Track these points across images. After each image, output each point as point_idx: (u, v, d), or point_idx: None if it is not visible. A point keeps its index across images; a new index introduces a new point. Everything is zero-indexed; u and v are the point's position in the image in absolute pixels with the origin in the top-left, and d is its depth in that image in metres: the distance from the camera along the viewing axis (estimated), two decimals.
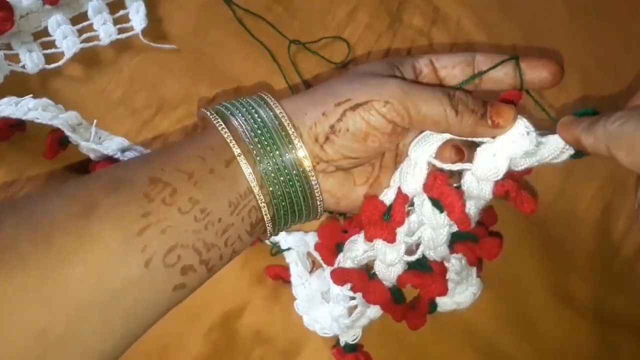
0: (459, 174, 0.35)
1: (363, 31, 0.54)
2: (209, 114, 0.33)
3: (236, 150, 0.31)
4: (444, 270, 0.37)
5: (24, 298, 0.25)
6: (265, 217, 0.32)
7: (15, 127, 0.44)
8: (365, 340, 0.42)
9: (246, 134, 0.32)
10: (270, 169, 0.32)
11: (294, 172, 0.32)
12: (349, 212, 0.37)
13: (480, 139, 0.34)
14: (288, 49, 0.51)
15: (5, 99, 0.43)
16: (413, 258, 0.37)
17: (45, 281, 0.26)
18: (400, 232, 0.35)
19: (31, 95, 0.44)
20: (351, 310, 0.40)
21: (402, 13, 0.55)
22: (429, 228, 0.35)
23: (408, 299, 0.40)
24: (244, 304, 0.44)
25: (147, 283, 0.28)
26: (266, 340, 0.44)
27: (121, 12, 0.50)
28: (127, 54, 0.50)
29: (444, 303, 0.40)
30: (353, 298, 0.39)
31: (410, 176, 0.34)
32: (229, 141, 0.31)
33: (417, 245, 0.37)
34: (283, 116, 0.33)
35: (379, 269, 0.37)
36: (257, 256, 0.45)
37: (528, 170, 0.35)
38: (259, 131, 0.32)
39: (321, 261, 0.42)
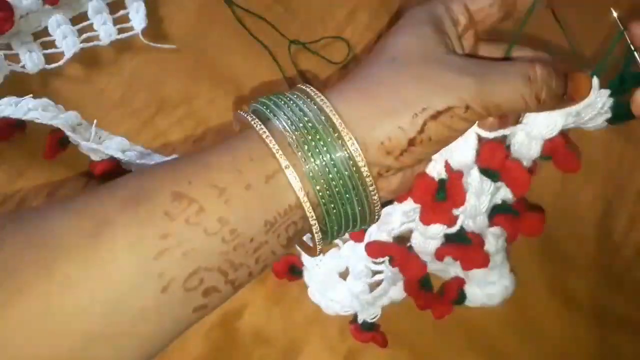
0: (505, 135, 0.33)
1: (363, 31, 0.53)
2: (249, 118, 0.29)
3: (283, 162, 0.27)
4: (482, 242, 0.36)
5: (23, 329, 0.23)
6: (314, 230, 0.29)
7: (15, 127, 0.44)
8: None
9: (294, 142, 0.28)
10: (318, 178, 0.28)
11: (347, 172, 0.28)
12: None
13: None
14: (288, 49, 0.51)
15: (5, 99, 0.43)
16: (453, 230, 0.35)
17: (47, 311, 0.24)
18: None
19: (31, 95, 0.44)
20: (372, 286, 0.39)
21: (402, 13, 0.55)
22: (472, 195, 0.34)
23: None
24: (244, 304, 0.44)
25: (163, 311, 0.25)
26: (266, 341, 0.43)
27: (121, 12, 0.50)
28: (127, 54, 0.50)
29: (474, 294, 0.39)
30: (377, 272, 0.38)
31: (460, 149, 0.32)
32: (274, 151, 0.27)
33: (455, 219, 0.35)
34: (334, 115, 0.28)
35: (417, 241, 0.35)
36: None
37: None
38: (309, 137, 0.28)
39: (337, 241, 0.40)
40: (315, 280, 0.43)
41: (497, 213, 0.35)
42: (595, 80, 0.31)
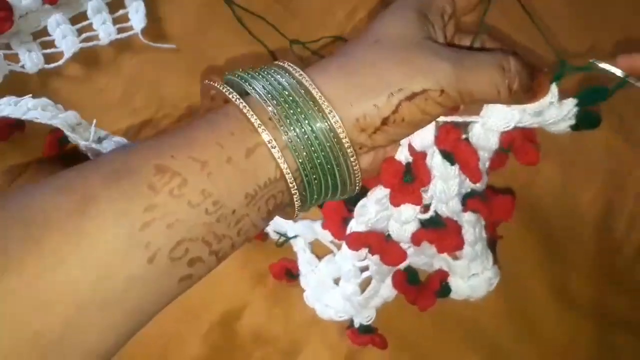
0: (465, 125, 0.34)
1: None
2: (226, 91, 0.29)
3: (266, 137, 0.28)
4: (458, 228, 0.37)
5: (15, 301, 0.24)
6: (295, 199, 0.29)
7: (14, 127, 0.44)
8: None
9: (273, 113, 0.28)
10: (300, 141, 0.29)
11: (328, 143, 0.29)
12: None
13: None
14: (290, 48, 0.51)
15: (4, 99, 0.43)
16: (427, 215, 0.36)
17: (38, 283, 0.24)
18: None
19: (30, 95, 0.44)
20: (363, 286, 0.39)
21: None
22: (439, 180, 0.35)
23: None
24: (244, 304, 0.44)
25: (151, 279, 0.26)
26: (266, 341, 0.43)
27: (121, 12, 0.50)
28: (126, 53, 0.50)
29: (458, 287, 0.39)
30: (365, 269, 0.38)
31: (420, 132, 0.33)
32: (256, 126, 0.28)
33: (429, 206, 0.36)
34: (312, 87, 0.29)
35: (393, 228, 0.36)
36: (258, 256, 0.45)
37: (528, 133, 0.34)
38: (290, 109, 0.29)
39: (331, 246, 0.42)
40: (310, 285, 0.43)
41: (471, 197, 0.36)
42: (553, 87, 0.32)
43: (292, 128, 0.29)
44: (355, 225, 0.37)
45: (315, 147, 0.29)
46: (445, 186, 0.35)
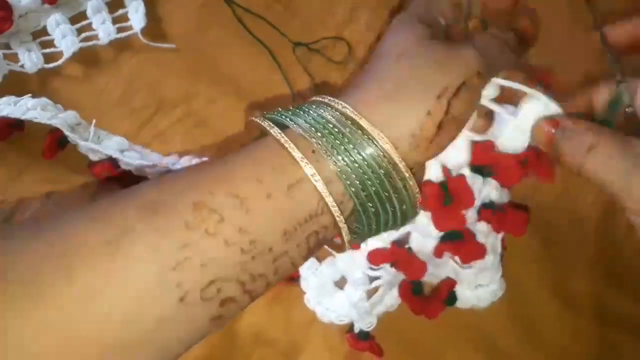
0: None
1: (363, 31, 0.53)
2: (266, 125, 0.29)
3: (309, 171, 0.27)
4: (473, 235, 0.37)
5: (41, 337, 0.23)
6: (343, 231, 0.28)
7: (13, 127, 0.44)
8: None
9: (318, 144, 0.27)
10: (348, 168, 0.27)
11: (381, 170, 0.28)
12: None
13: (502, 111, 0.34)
14: (294, 52, 0.51)
15: (3, 99, 0.43)
16: None
17: (66, 320, 0.23)
18: None
19: (30, 94, 0.44)
20: (370, 293, 0.40)
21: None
22: None
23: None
24: None
25: (181, 320, 0.25)
26: (266, 342, 0.43)
27: (120, 11, 0.50)
28: (126, 53, 0.50)
29: (465, 296, 0.40)
30: (375, 279, 0.39)
31: (454, 152, 0.34)
32: (298, 159, 0.27)
33: None
34: (355, 115, 0.28)
35: (415, 242, 0.37)
36: None
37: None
38: (336, 140, 0.28)
39: (330, 250, 0.42)
40: (311, 288, 0.43)
41: (486, 208, 0.37)
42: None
43: (339, 158, 0.27)
44: (371, 240, 0.37)
45: (369, 174, 0.28)
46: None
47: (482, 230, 0.37)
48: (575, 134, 0.31)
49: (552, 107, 0.33)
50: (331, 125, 0.28)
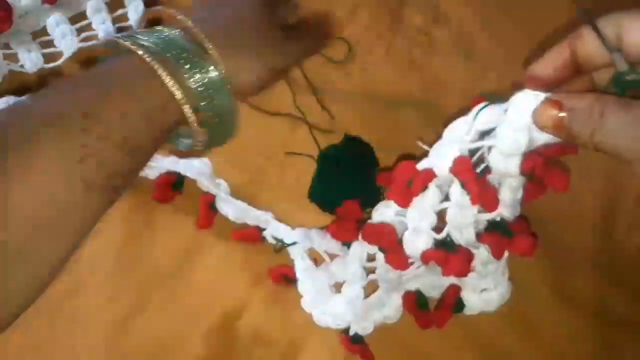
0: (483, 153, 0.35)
1: (363, 31, 0.53)
2: (131, 45, 0.35)
3: (177, 94, 0.34)
4: (469, 256, 0.38)
5: None
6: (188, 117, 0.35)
7: None
8: (367, 340, 0.42)
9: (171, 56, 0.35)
10: (196, 90, 0.35)
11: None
12: None
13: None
14: None
15: (4, 99, 0.43)
16: (439, 236, 0.37)
17: (3, 200, 0.29)
18: (427, 202, 0.36)
19: (30, 94, 0.44)
20: (367, 291, 0.40)
21: (402, 13, 0.55)
22: (455, 206, 0.36)
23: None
24: (244, 304, 0.44)
25: (88, 205, 0.31)
26: (266, 342, 0.43)
27: (120, 11, 0.50)
28: None
29: (471, 301, 0.40)
30: (371, 271, 0.39)
31: (443, 157, 0.35)
32: (170, 86, 0.34)
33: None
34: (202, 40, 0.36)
35: (407, 238, 0.37)
36: (257, 257, 0.45)
37: (564, 148, 0.33)
38: (185, 55, 0.35)
39: (325, 256, 0.42)
40: (308, 292, 0.43)
41: (490, 230, 0.37)
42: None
43: (190, 72, 0.35)
44: (374, 219, 0.38)
45: (205, 89, 0.35)
46: (460, 214, 0.35)
47: (487, 248, 0.38)
48: (582, 111, 0.30)
49: (541, 96, 0.31)
50: (179, 48, 0.35)
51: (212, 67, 0.36)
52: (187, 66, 0.35)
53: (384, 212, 0.38)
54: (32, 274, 0.30)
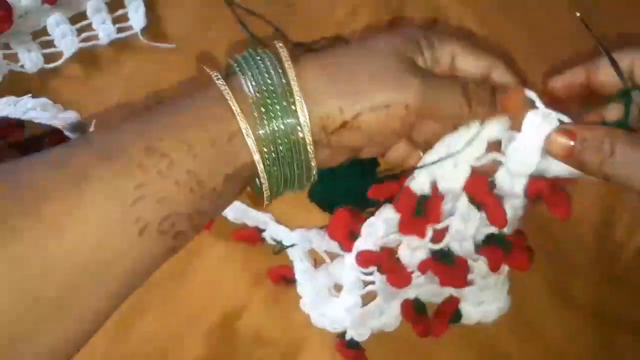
0: (493, 170, 0.35)
1: (363, 31, 0.53)
2: (211, 73, 0.32)
3: (242, 125, 0.31)
4: (465, 268, 0.37)
5: (16, 268, 0.26)
6: (264, 186, 0.32)
7: (14, 127, 0.44)
8: (366, 341, 0.42)
9: (254, 103, 0.31)
10: (269, 140, 0.31)
11: (293, 145, 0.32)
12: None
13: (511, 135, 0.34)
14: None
15: (4, 99, 0.43)
16: (437, 247, 0.37)
17: (38, 252, 0.26)
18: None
19: (30, 94, 0.44)
20: (365, 299, 0.40)
21: (402, 13, 0.55)
22: (459, 218, 0.36)
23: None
24: (244, 305, 0.44)
25: (141, 250, 0.29)
26: (266, 342, 0.43)
27: (120, 12, 0.50)
28: (126, 53, 0.50)
29: (469, 312, 0.40)
30: (369, 283, 0.39)
31: (451, 176, 0.35)
32: (235, 112, 0.31)
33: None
34: (294, 84, 0.32)
35: (403, 253, 0.37)
36: (257, 257, 0.45)
37: (571, 180, 0.34)
38: (268, 100, 0.31)
39: (324, 256, 0.42)
40: (307, 293, 0.43)
41: (488, 243, 0.37)
42: (531, 94, 0.33)
43: (265, 120, 0.31)
44: (363, 243, 0.38)
45: (282, 140, 0.32)
46: (463, 226, 0.36)
47: (486, 260, 0.37)
48: (594, 142, 0.31)
49: (552, 117, 0.33)
50: (269, 82, 0.32)
51: (291, 112, 0.32)
52: (266, 106, 0.31)
53: (373, 233, 0.37)
54: (73, 328, 0.28)
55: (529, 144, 0.33)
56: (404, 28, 0.37)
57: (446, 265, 0.37)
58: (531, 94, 0.34)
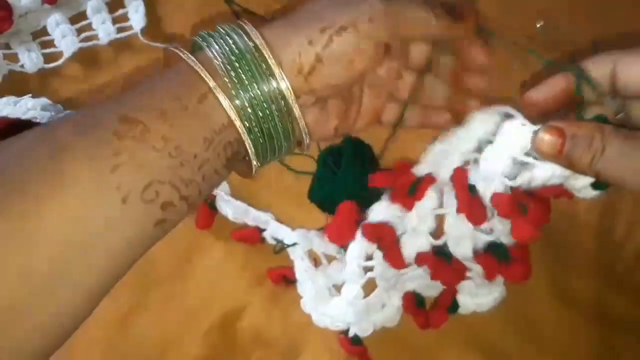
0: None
1: None
2: (176, 49, 0.32)
3: (211, 83, 0.30)
4: (461, 270, 0.38)
5: (5, 244, 0.26)
6: (249, 150, 0.32)
7: (14, 127, 0.44)
8: (368, 341, 0.42)
9: (222, 67, 0.31)
10: (247, 103, 0.31)
11: (274, 105, 0.31)
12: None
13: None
14: None
15: (4, 99, 0.43)
16: (437, 242, 0.37)
17: (24, 226, 0.26)
18: (426, 206, 0.36)
19: (30, 94, 0.44)
20: (366, 291, 0.40)
21: None
22: (452, 216, 0.36)
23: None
24: (244, 305, 0.44)
25: (127, 220, 0.28)
26: (266, 342, 0.43)
27: (120, 11, 0.50)
28: (126, 53, 0.50)
29: (465, 303, 0.41)
30: (369, 270, 0.39)
31: (445, 165, 0.35)
32: (202, 75, 0.30)
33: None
34: (263, 47, 0.31)
35: (405, 239, 0.37)
36: (258, 257, 0.45)
37: (561, 191, 0.34)
38: (237, 63, 0.31)
39: (323, 257, 0.42)
40: (307, 293, 0.43)
41: (488, 251, 0.37)
42: (508, 109, 0.33)
43: (237, 80, 0.31)
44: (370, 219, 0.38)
45: (258, 99, 0.31)
46: (455, 225, 0.36)
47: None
48: (584, 139, 0.30)
49: (528, 127, 0.32)
50: (240, 56, 0.31)
51: (264, 76, 0.31)
52: (236, 69, 0.31)
53: (382, 211, 0.38)
54: (65, 303, 0.27)
55: (500, 151, 0.33)
56: None
57: (442, 262, 0.37)
58: (508, 109, 0.34)
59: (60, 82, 0.48)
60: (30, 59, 0.47)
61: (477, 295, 0.40)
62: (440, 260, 0.37)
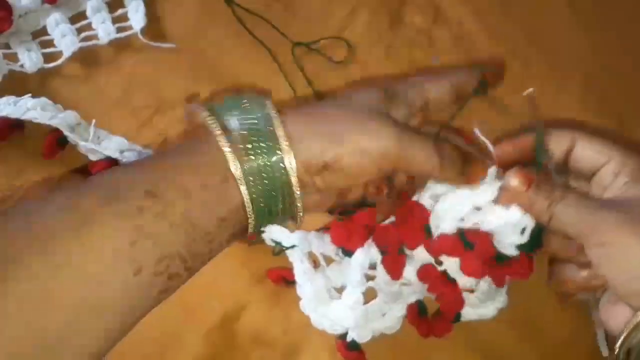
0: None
1: (363, 31, 0.53)
2: (209, 120, 0.34)
3: (237, 173, 0.32)
4: (460, 299, 0.40)
5: (24, 305, 0.27)
6: (249, 225, 0.34)
7: (13, 127, 0.44)
8: (366, 343, 0.42)
9: (245, 151, 0.33)
10: (260, 187, 0.33)
11: (281, 191, 0.34)
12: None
13: None
14: (292, 52, 0.51)
15: (3, 99, 0.43)
16: (440, 268, 0.39)
17: (43, 289, 0.28)
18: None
19: (30, 94, 0.44)
20: (367, 298, 0.41)
21: (402, 13, 0.55)
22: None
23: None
24: (244, 305, 0.44)
25: (136, 290, 0.30)
26: (266, 342, 0.43)
27: (120, 11, 0.50)
28: (126, 53, 0.50)
29: (468, 313, 0.41)
30: (371, 279, 0.40)
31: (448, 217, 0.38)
32: (231, 162, 0.32)
33: None
34: (282, 138, 0.33)
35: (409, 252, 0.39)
36: (257, 257, 0.45)
37: (517, 272, 0.39)
38: (258, 150, 0.33)
39: (321, 259, 0.42)
40: (306, 295, 0.43)
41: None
42: (492, 170, 0.36)
43: (251, 156, 0.33)
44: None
45: (268, 176, 0.33)
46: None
47: (487, 280, 0.39)
48: (546, 188, 0.35)
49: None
50: (257, 129, 0.33)
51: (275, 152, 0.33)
52: (255, 149, 0.33)
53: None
54: None
55: (460, 198, 0.36)
56: (384, 83, 0.38)
57: (444, 278, 0.39)
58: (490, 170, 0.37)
59: (60, 82, 0.48)
60: (30, 59, 0.47)
61: (480, 307, 0.41)
62: (442, 277, 0.39)
